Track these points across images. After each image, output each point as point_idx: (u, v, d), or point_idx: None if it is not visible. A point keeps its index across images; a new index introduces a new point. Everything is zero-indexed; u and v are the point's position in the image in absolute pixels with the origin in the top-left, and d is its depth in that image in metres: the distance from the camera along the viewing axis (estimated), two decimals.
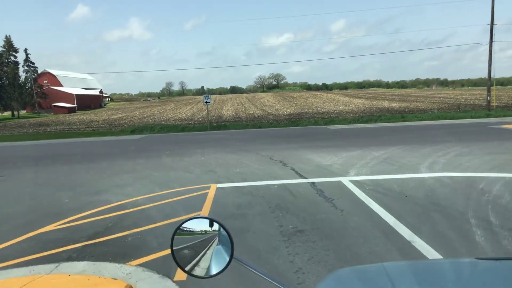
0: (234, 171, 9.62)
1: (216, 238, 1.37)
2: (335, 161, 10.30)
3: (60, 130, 30.90)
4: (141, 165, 11.12)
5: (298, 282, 3.78)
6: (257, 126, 24.70)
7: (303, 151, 12.12)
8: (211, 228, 1.38)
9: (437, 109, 34.97)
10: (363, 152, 11.40)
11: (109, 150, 15.61)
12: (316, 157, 11.04)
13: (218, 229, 1.38)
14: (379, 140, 14.26)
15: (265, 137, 17.70)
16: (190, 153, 12.99)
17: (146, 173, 9.87)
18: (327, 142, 14.23)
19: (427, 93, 79.53)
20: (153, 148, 15.07)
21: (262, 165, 10.29)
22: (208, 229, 1.38)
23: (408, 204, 6.17)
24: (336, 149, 12.28)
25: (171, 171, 10.02)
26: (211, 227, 1.38)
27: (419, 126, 19.18)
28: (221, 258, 1.33)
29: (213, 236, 1.38)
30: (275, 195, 7.12)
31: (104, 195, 7.80)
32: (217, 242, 1.37)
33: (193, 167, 10.43)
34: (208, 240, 1.37)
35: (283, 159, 10.99)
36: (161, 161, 11.73)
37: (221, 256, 1.34)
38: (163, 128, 25.79)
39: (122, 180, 9.23)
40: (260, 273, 1.27)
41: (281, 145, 13.98)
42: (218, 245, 1.37)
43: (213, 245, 1.37)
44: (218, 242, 1.37)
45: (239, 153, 12.40)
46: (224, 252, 1.35)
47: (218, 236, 1.38)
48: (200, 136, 19.64)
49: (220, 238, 1.38)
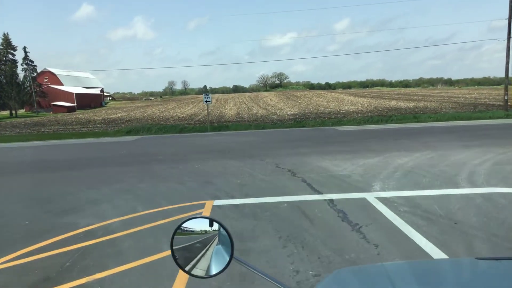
0: (235, 183, 8.14)
1: (216, 238, 1.36)
2: (353, 170, 8.79)
3: (54, 131, 29.53)
4: (128, 174, 9.65)
5: None
6: (260, 127, 23.20)
7: (313, 157, 10.61)
8: (211, 228, 1.37)
9: (448, 108, 33.40)
10: (384, 159, 9.88)
11: (98, 154, 14.15)
12: (330, 165, 9.54)
13: (218, 229, 1.37)
14: (398, 144, 12.72)
15: (270, 139, 16.21)
16: (185, 159, 11.51)
17: (131, 185, 8.40)
18: (339, 146, 12.70)
19: (433, 92, 77.85)
20: (146, 152, 13.60)
21: (267, 174, 8.81)
22: (208, 229, 1.37)
23: (463, 237, 4.66)
24: (351, 155, 10.76)
25: (161, 182, 8.54)
26: (211, 227, 1.37)
27: (437, 128, 17.62)
28: (221, 258, 1.33)
29: (213, 236, 1.37)
30: (286, 219, 5.62)
31: (73, 216, 6.33)
32: (217, 242, 1.36)
33: (187, 177, 8.95)
34: (208, 240, 1.36)
35: (291, 167, 9.50)
36: (152, 168, 10.25)
37: (221, 256, 1.33)
38: (160, 129, 24.33)
39: (101, 193, 7.76)
40: (260, 273, 1.27)
41: (288, 150, 12.48)
42: (218, 245, 1.36)
43: (213, 245, 1.36)
44: (218, 242, 1.36)
45: (241, 159, 10.91)
46: (224, 252, 1.34)
47: (218, 236, 1.37)
48: (199, 138, 18.16)
49: (220, 238, 1.36)
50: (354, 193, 6.84)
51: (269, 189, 7.45)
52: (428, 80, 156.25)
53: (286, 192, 7.17)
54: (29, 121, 42.77)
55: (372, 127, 19.83)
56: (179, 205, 6.62)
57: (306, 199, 6.63)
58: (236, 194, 7.21)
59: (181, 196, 7.24)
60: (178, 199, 7.05)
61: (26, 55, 65.57)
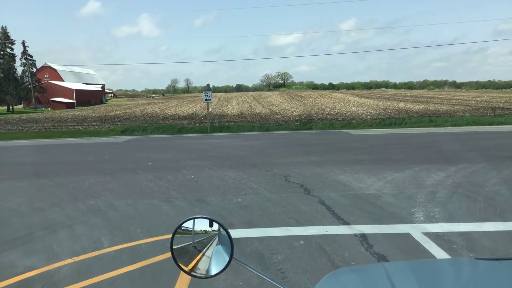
0: (235, 202, 6.47)
1: (216, 238, 1.35)
2: (381, 188, 7.11)
3: (46, 128, 27.92)
4: (105, 185, 7.99)
5: None
6: (264, 128, 21.52)
7: (329, 168, 8.92)
8: (210, 228, 1.36)
9: (461, 112, 31.65)
10: (415, 173, 8.18)
11: (79, 157, 12.45)
12: (351, 179, 7.85)
13: (218, 229, 1.35)
14: (423, 153, 10.99)
15: (275, 143, 14.52)
16: (178, 166, 9.84)
17: (104, 202, 6.74)
18: (357, 155, 10.97)
19: (441, 95, 75.94)
20: (134, 157, 11.92)
21: (275, 191, 7.13)
22: (208, 229, 1.36)
23: None
24: (373, 165, 9.07)
25: (143, 199, 6.88)
26: (211, 227, 1.36)
27: (461, 134, 15.86)
28: (221, 258, 1.31)
29: (213, 236, 1.35)
30: (305, 269, 3.94)
31: (12, 252, 4.66)
32: (217, 242, 1.35)
33: (176, 192, 7.28)
34: (208, 240, 1.35)
35: (304, 181, 7.82)
36: (136, 179, 8.58)
37: (221, 256, 1.32)
38: (157, 129, 22.68)
39: (63, 214, 6.10)
40: (260, 273, 1.27)
41: (297, 157, 10.78)
42: (218, 245, 1.35)
43: (213, 245, 1.35)
44: (218, 242, 1.35)
45: (243, 169, 9.23)
46: (224, 252, 1.32)
47: (218, 236, 1.35)
48: (197, 140, 16.48)
49: (220, 238, 1.35)
50: (392, 225, 5.15)
51: (278, 215, 5.77)
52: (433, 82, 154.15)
53: (301, 219, 5.50)
54: (24, 118, 41.20)
55: (386, 131, 18.11)
56: (159, 237, 4.96)
57: (329, 232, 4.94)
58: (235, 221, 5.54)
59: (163, 222, 5.57)
60: (160, 226, 5.39)
61: (25, 50, 64.05)
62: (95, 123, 31.60)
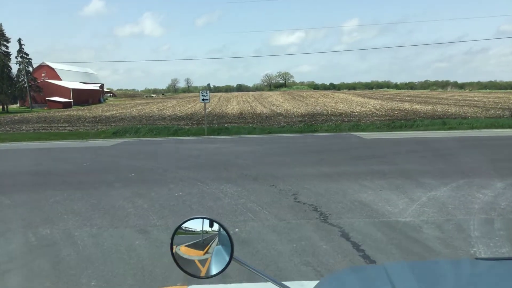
0: (231, 234, 4.93)
1: (216, 238, 1.31)
2: (418, 212, 5.57)
3: (35, 129, 26.42)
4: (71, 206, 6.45)
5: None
6: (265, 131, 19.96)
7: (346, 183, 7.39)
8: (211, 228, 1.32)
9: (471, 113, 30.15)
10: (455, 192, 6.63)
11: (56, 165, 10.86)
12: (376, 198, 6.32)
13: (218, 229, 1.32)
14: (455, 162, 9.39)
15: (279, 149, 12.99)
16: (165, 179, 8.30)
17: (61, 232, 5.21)
18: (376, 164, 9.40)
19: (445, 95, 74.47)
20: (117, 166, 10.36)
21: (282, 216, 5.60)
22: (208, 229, 1.32)
23: None
24: (399, 180, 7.52)
25: (111, 228, 5.34)
26: (211, 227, 1.32)
27: (486, 138, 14.29)
28: (221, 258, 1.28)
29: (213, 236, 1.32)
30: None
31: None
32: (217, 242, 1.31)
33: (157, 217, 5.75)
34: (208, 240, 1.31)
35: (317, 201, 6.29)
36: (111, 196, 7.04)
37: (221, 256, 1.29)
38: (151, 130, 21.11)
39: (0, 253, 4.58)
40: (260, 273, 1.24)
41: (305, 167, 9.25)
42: (218, 245, 1.31)
43: (213, 245, 1.31)
44: (218, 242, 1.31)
45: (242, 183, 7.69)
46: (224, 252, 1.28)
47: (218, 236, 1.32)
48: (192, 144, 14.95)
49: (220, 238, 1.31)
50: None
51: (288, 257, 4.23)
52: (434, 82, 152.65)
53: (320, 266, 3.96)
54: (17, 118, 39.67)
55: (399, 134, 16.56)
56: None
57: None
58: (229, 269, 4.00)
59: (131, 269, 4.04)
60: (125, 277, 3.86)
61: (21, 48, 62.65)
62: (88, 123, 30.10)
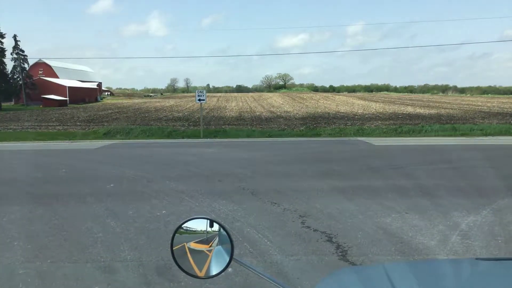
0: (221, 277, 3.71)
1: (216, 238, 1.33)
2: (460, 246, 4.36)
3: (23, 128, 25.16)
4: (26, 227, 5.21)
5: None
6: (265, 134, 18.74)
7: (363, 202, 6.16)
8: (211, 229, 1.33)
9: (476, 118, 29.07)
10: (499, 217, 5.41)
11: (27, 172, 9.47)
12: (403, 225, 5.11)
13: (218, 230, 1.33)
14: (487, 177, 8.09)
15: (281, 156, 11.76)
16: (148, 192, 7.07)
17: (2, 268, 3.98)
18: (395, 178, 8.08)
19: (447, 99, 73.52)
20: (96, 174, 9.08)
21: (288, 248, 4.38)
22: (208, 229, 1.33)
23: None
24: (428, 200, 6.29)
25: (68, 263, 4.11)
26: (211, 228, 1.33)
27: (508, 147, 13.10)
28: (221, 259, 1.29)
29: (213, 236, 1.33)
30: None
31: None
32: (217, 242, 1.32)
33: (129, 247, 4.52)
34: (208, 240, 1.33)
35: (330, 227, 5.07)
36: (80, 214, 5.81)
37: (221, 256, 1.29)
38: (144, 131, 19.83)
39: None
40: (260, 273, 1.24)
41: (312, 180, 8.01)
42: (218, 246, 1.32)
43: (213, 246, 1.32)
44: (218, 242, 1.32)
45: (239, 200, 6.47)
46: (224, 253, 1.30)
47: (218, 236, 1.33)
48: (185, 148, 13.71)
49: (220, 239, 1.32)
50: None
51: None
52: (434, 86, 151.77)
53: None
54: (8, 115, 38.36)
55: (410, 141, 15.36)
56: None
57: None
58: None
59: None
60: None
61: (17, 44, 61.38)
62: (80, 123, 28.83)
